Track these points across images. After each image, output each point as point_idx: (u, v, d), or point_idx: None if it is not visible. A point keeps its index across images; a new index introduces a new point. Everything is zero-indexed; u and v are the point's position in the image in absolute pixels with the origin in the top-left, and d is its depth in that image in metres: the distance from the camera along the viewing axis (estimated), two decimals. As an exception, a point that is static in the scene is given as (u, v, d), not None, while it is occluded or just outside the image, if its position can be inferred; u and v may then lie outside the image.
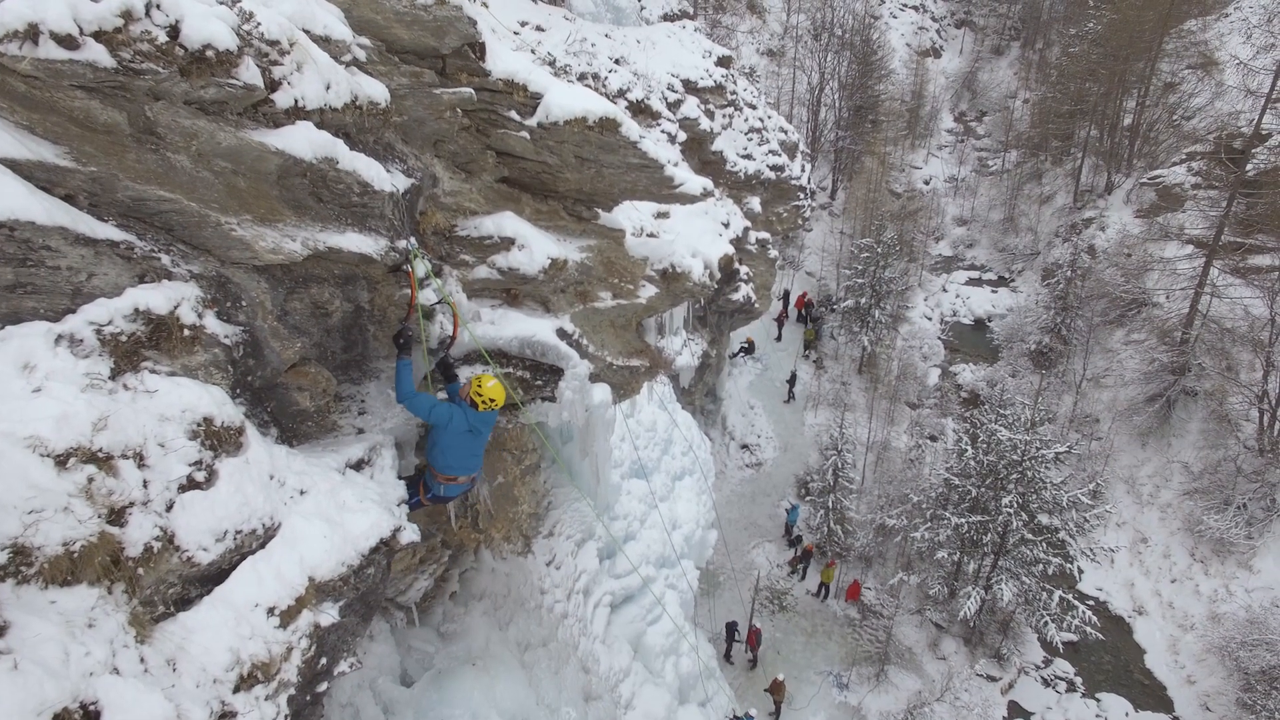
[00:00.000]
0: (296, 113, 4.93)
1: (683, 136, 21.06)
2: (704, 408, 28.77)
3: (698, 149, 22.15)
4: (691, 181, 8.40)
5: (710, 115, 23.09)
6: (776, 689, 20.60)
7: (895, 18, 64.66)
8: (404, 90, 6.37)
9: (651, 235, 10.64)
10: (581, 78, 17.53)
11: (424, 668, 9.47)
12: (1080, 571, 24.08)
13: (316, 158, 4.99)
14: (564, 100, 7.15)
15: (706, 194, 8.62)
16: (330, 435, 6.14)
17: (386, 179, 5.72)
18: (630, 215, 10.45)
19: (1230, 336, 29.19)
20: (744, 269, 23.46)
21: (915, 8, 67.52)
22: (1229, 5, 44.40)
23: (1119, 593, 26.03)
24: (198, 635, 4.01)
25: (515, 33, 17.51)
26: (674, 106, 21.59)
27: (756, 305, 25.39)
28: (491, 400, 6.31)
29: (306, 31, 5.22)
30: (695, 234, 15.05)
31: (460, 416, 6.26)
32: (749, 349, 34.61)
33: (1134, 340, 32.95)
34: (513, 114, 7.20)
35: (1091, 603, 24.63)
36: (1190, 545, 25.96)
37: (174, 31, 4.03)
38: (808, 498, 28.16)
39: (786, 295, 38.47)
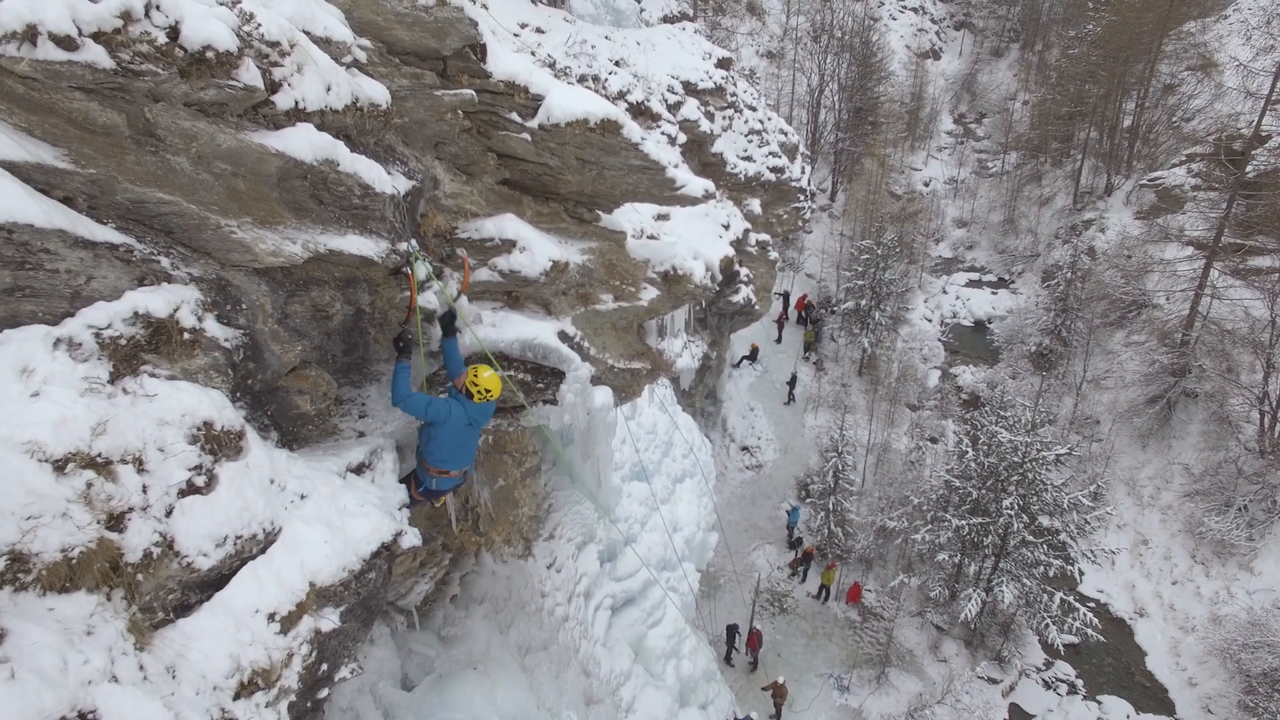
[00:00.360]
0: (297, 114, 4.89)
1: (683, 138, 21.07)
2: (704, 410, 28.74)
3: (698, 151, 22.15)
4: (693, 184, 8.37)
5: (710, 117, 23.10)
6: (778, 692, 20.55)
7: (895, 20, 64.74)
8: (405, 92, 6.34)
9: (652, 237, 10.59)
10: (581, 79, 17.52)
11: (425, 672, 9.42)
12: (1081, 573, 24.06)
13: (317, 160, 4.95)
14: (565, 102, 7.11)
15: (708, 196, 8.59)
16: (331, 439, 6.09)
17: (388, 181, 5.69)
18: (630, 217, 10.40)
19: (1231, 338, 29.18)
20: (744, 271, 23.44)
21: (914, 10, 67.60)
22: (1228, 7, 44.47)
23: (1120, 595, 26.00)
24: (197, 642, 3.97)
25: (515, 34, 17.49)
26: (674, 108, 21.59)
27: (757, 307, 25.37)
28: (487, 391, 6.25)
29: (307, 33, 5.19)
30: (695, 236, 15.01)
31: (459, 410, 6.20)
32: (752, 356, 34.30)
33: (1134, 342, 32.94)
34: (514, 116, 7.17)
35: (1092, 605, 24.57)
36: (1191, 547, 25.94)
37: (173, 32, 4.00)
38: (808, 500, 28.11)
39: (786, 297, 38.45)
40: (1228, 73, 38.03)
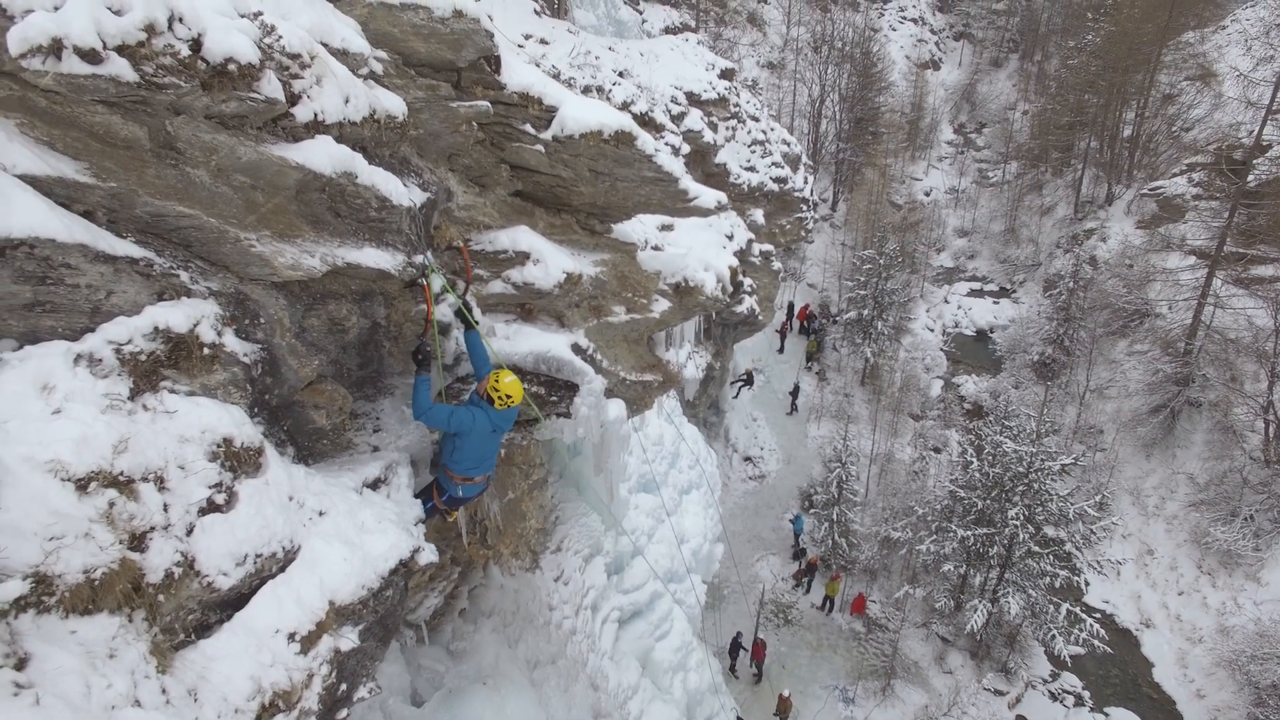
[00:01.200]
0: (316, 127, 4.86)
1: (686, 149, 21.05)
2: (707, 420, 28.64)
3: (701, 161, 22.15)
4: (706, 195, 8.34)
5: (714, 127, 23.12)
6: (783, 705, 20.41)
7: (894, 30, 64.98)
8: (420, 104, 6.30)
9: (656, 248, 10.56)
10: (586, 91, 17.55)
11: (434, 687, 9.33)
12: (1086, 584, 23.90)
13: (336, 172, 4.91)
14: (579, 113, 7.09)
15: (721, 207, 8.56)
16: (345, 454, 6.03)
17: (404, 193, 5.65)
18: (635, 229, 10.37)
19: (1234, 347, 29.14)
20: (748, 281, 23.42)
21: (914, 20, 67.85)
22: (1226, 18, 44.67)
23: (1126, 605, 25.84)
24: (219, 663, 3.90)
25: (519, 46, 17.53)
26: (677, 119, 21.59)
27: (760, 317, 25.36)
28: (509, 397, 6.18)
29: (325, 44, 5.15)
30: (700, 247, 14.96)
31: (482, 417, 6.13)
32: (748, 381, 32.98)
33: (1137, 351, 32.89)
34: (527, 127, 7.14)
35: (1098, 615, 24.44)
36: (1197, 557, 25.81)
37: (196, 45, 3.96)
38: (812, 510, 28.02)
39: (791, 307, 38.42)
40: (1227, 83, 38.14)
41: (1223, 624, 23.70)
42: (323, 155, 4.83)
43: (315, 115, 4.81)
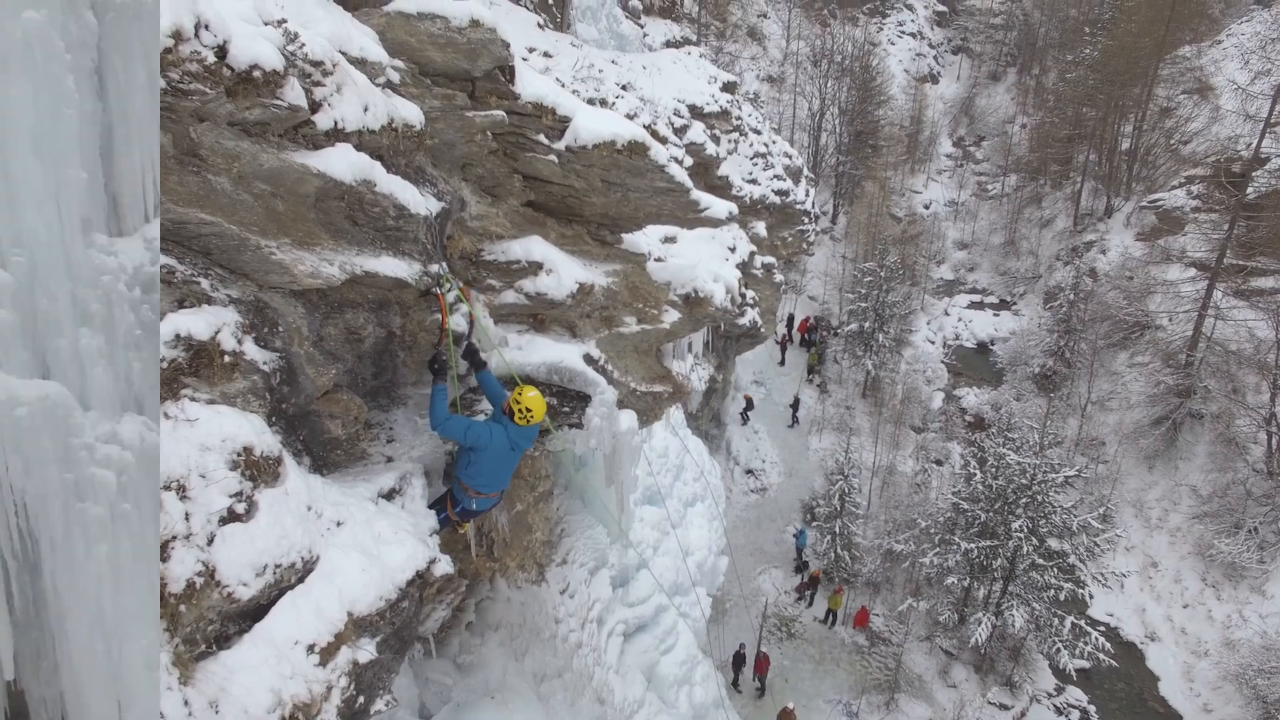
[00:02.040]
0: (336, 134, 4.85)
1: (689, 161, 21.10)
2: (709, 432, 28.57)
3: (704, 174, 22.18)
4: (717, 205, 8.33)
5: (716, 140, 23.20)
6: (786, 719, 20.26)
7: (893, 44, 65.40)
8: (436, 113, 6.30)
9: (659, 260, 10.54)
10: (590, 103, 17.57)
11: (442, 700, 9.25)
12: (1090, 597, 23.78)
13: (355, 180, 4.90)
14: (593, 124, 7.09)
15: (732, 218, 8.55)
16: (360, 464, 6.00)
17: (421, 202, 5.64)
18: (641, 240, 10.35)
19: (1235, 359, 29.16)
20: (750, 293, 23.43)
21: (913, 35, 68.31)
22: (1222, 32, 45.02)
23: (1130, 618, 25.71)
24: (239, 675, 3.85)
25: (523, 59, 17.60)
26: (680, 132, 21.67)
27: (762, 329, 25.36)
28: (529, 412, 6.08)
29: (343, 53, 5.15)
30: (705, 259, 14.97)
31: (501, 434, 6.06)
32: (749, 406, 32.92)
33: (1138, 363, 32.90)
34: (541, 137, 7.13)
35: (1102, 628, 24.26)
36: (1201, 570, 25.71)
37: (222, 52, 3.95)
38: (814, 523, 27.91)
39: (791, 319, 38.44)
40: (1224, 96, 38.38)
41: (1228, 637, 23.57)
42: (343, 163, 4.82)
43: (336, 123, 4.81)
